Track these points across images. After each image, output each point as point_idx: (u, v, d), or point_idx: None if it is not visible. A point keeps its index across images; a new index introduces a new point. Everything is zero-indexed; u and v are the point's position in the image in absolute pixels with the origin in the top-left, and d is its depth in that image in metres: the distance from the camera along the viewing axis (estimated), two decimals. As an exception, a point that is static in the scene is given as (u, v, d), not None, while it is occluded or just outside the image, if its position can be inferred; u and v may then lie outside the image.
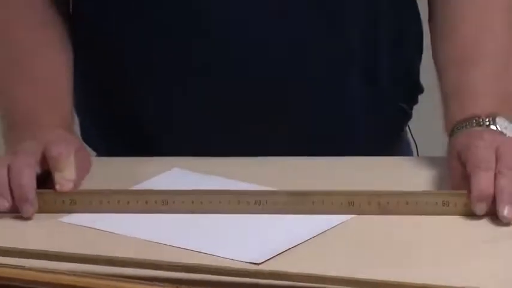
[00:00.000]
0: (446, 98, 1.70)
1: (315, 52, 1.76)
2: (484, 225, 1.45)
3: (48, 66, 1.79)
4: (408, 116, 1.89)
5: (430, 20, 1.80)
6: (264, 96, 1.75)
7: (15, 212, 1.51)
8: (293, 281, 1.21)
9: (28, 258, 1.28)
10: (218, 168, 1.66)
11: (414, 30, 1.88)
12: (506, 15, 1.74)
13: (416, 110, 1.90)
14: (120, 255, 1.27)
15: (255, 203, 1.51)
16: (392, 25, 1.82)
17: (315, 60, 1.76)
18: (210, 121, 1.77)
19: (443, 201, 1.49)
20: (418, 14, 1.87)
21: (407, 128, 1.92)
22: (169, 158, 1.71)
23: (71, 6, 1.85)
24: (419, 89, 1.90)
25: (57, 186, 1.54)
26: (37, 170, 1.55)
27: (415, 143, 1.94)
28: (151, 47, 1.77)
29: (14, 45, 1.80)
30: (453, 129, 1.63)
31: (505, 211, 1.44)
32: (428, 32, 1.82)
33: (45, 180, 1.56)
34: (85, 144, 1.75)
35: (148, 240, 1.42)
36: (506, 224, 1.44)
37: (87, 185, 1.61)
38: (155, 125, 1.80)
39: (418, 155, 1.89)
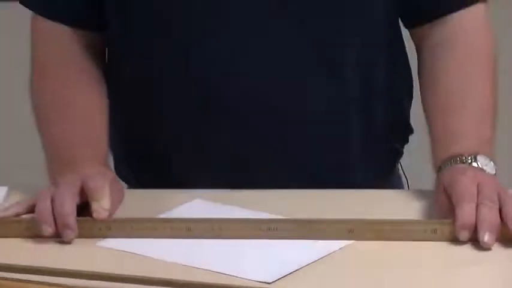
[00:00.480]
0: (434, 140, 1.71)
1: (316, 97, 1.76)
2: (467, 250, 1.46)
3: (86, 108, 1.79)
4: (400, 154, 1.90)
5: (418, 72, 1.81)
6: (270, 138, 1.75)
7: (58, 237, 1.52)
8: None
9: (67, 277, 1.31)
10: (233, 199, 1.66)
11: (405, 80, 1.88)
12: (484, 69, 1.76)
13: (407, 148, 1.90)
14: (148, 275, 1.29)
15: (267, 229, 1.51)
16: (386, 75, 1.82)
17: (315, 103, 1.76)
18: (223, 162, 1.76)
19: (431, 229, 1.50)
20: (409, 67, 1.88)
21: (399, 164, 1.92)
22: (191, 190, 1.70)
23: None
24: (410, 131, 1.90)
25: (94, 214, 1.54)
26: (77, 200, 1.56)
27: (406, 177, 1.93)
28: (175, 99, 1.76)
29: (56, 89, 1.80)
30: (440, 166, 1.64)
31: (486, 237, 1.45)
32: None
33: (83, 208, 1.56)
34: (118, 178, 1.75)
35: (173, 262, 1.43)
36: (487, 249, 1.45)
37: (120, 213, 1.61)
38: (179, 162, 1.80)
39: (408, 188, 1.89)
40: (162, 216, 1.61)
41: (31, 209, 1.58)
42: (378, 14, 1.78)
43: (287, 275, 1.37)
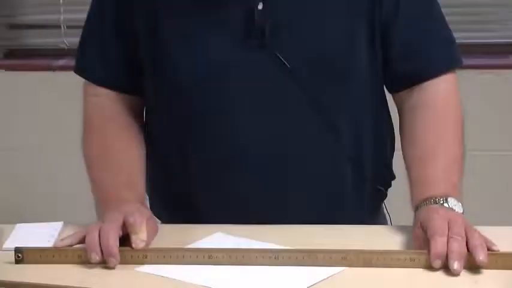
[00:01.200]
0: (412, 184, 1.72)
1: (316, 147, 1.75)
2: (439, 276, 1.48)
3: (126, 158, 1.79)
4: (384, 196, 1.89)
5: (400, 129, 1.81)
6: (276, 183, 1.75)
7: (103, 263, 1.53)
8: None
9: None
10: (247, 232, 1.66)
11: (388, 135, 1.88)
12: (453, 127, 1.76)
13: (389, 191, 1.89)
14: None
15: (275, 258, 1.52)
16: (373, 130, 1.81)
17: (315, 152, 1.75)
18: (239, 204, 1.76)
19: (410, 258, 1.51)
20: (392, 124, 1.88)
21: (383, 204, 1.91)
22: (213, 225, 1.71)
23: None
24: (392, 177, 1.90)
25: (134, 245, 1.56)
26: (119, 233, 1.57)
27: (389, 215, 1.92)
28: (201, 154, 1.76)
29: (101, 142, 1.80)
30: (417, 206, 1.65)
31: (455, 266, 1.47)
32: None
33: (125, 239, 1.57)
34: (153, 215, 1.73)
35: (197, 284, 1.46)
36: (456, 275, 1.47)
37: (154, 244, 1.62)
38: (203, 203, 1.80)
39: (391, 224, 1.88)
40: (189, 246, 1.61)
41: (82, 240, 1.59)
42: (367, 83, 1.78)
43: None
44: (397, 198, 1.84)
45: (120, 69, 1.81)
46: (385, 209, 1.93)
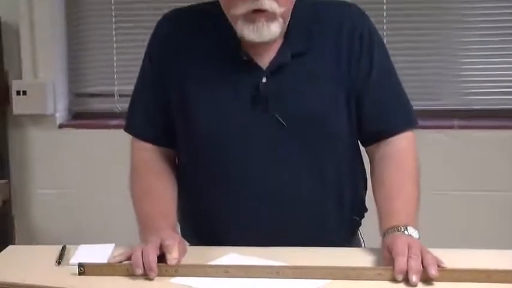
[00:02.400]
0: (380, 216, 1.70)
1: (306, 185, 1.73)
2: (402, 287, 1.48)
3: (162, 195, 1.78)
4: (359, 224, 1.87)
5: (371, 173, 1.79)
6: (275, 217, 1.73)
7: (145, 275, 1.54)
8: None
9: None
10: (255, 253, 1.65)
11: (362, 177, 1.86)
12: (412, 174, 1.74)
13: (363, 221, 1.87)
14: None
15: (277, 273, 1.52)
16: (350, 173, 1.80)
17: (305, 189, 1.73)
18: (248, 233, 1.74)
19: (379, 273, 1.51)
20: (365, 169, 1.86)
21: (359, 231, 1.89)
22: (229, 247, 1.69)
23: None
24: (365, 209, 1.87)
25: (168, 262, 1.55)
26: (157, 252, 1.56)
27: (363, 239, 1.90)
28: (221, 193, 1.75)
29: (143, 183, 1.79)
30: (384, 233, 1.64)
31: (413, 279, 1.46)
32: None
33: (161, 257, 1.57)
34: (183, 238, 1.72)
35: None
36: (414, 286, 1.46)
37: (184, 261, 1.61)
38: (222, 229, 1.78)
39: (365, 247, 1.85)
40: (210, 263, 1.61)
41: (129, 258, 1.58)
42: (346, 138, 1.77)
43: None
44: (369, 226, 1.82)
45: (159, 128, 1.80)
46: (360, 235, 1.90)
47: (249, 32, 1.64)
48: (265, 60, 1.71)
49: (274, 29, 1.65)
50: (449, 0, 3.15)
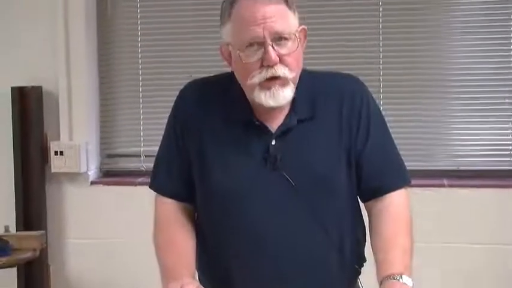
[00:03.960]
0: (377, 265, 1.69)
1: (311, 242, 1.73)
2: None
3: (183, 247, 1.78)
4: (359, 273, 1.85)
5: (369, 226, 1.79)
6: (283, 267, 1.72)
7: None
8: None
9: None
10: None
11: (361, 231, 1.84)
12: (406, 227, 1.74)
13: (362, 269, 1.85)
14: None
15: None
16: (351, 228, 1.79)
17: (310, 245, 1.73)
18: (259, 282, 1.73)
19: None
20: (364, 224, 1.84)
21: (358, 279, 1.86)
22: None
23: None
24: (364, 259, 1.85)
25: None
26: None
27: (362, 287, 1.87)
28: (234, 250, 1.75)
29: (166, 236, 1.79)
30: (381, 281, 1.63)
31: None
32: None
33: None
34: (201, 285, 1.72)
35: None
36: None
37: None
38: (235, 280, 1.76)
39: None
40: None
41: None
42: (347, 195, 1.77)
43: None
44: (368, 275, 1.80)
45: (180, 186, 1.80)
46: (359, 283, 1.88)
47: (266, 98, 1.66)
48: (274, 125, 1.72)
49: (288, 93, 1.67)
50: (437, 73, 3.16)
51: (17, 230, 3.16)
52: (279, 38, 1.63)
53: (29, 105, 3.22)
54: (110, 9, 3.33)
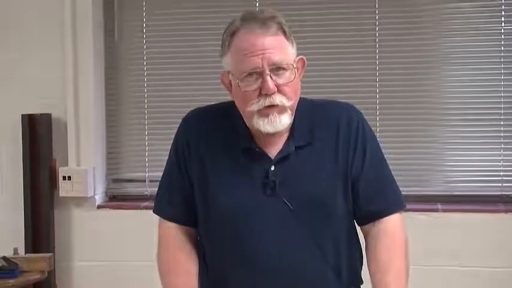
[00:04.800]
0: (374, 287, 1.69)
1: (310, 262, 1.71)
2: None
3: (185, 270, 1.77)
4: None
5: (365, 249, 1.78)
6: (280, 285, 1.70)
7: None
8: None
9: None
10: None
11: (358, 252, 1.83)
12: (402, 250, 1.74)
13: None
14: None
15: None
16: (348, 249, 1.78)
17: (309, 266, 1.71)
18: None
19: None
20: (360, 245, 1.83)
21: None
22: None
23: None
24: (361, 281, 1.84)
25: None
26: None
27: None
28: (234, 275, 1.73)
29: (168, 258, 1.79)
30: None
31: None
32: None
33: None
34: None
35: None
36: None
37: None
38: None
39: None
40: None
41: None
42: (344, 218, 1.76)
43: None
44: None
45: (182, 210, 1.80)
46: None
47: (264, 125, 1.66)
48: (273, 151, 1.72)
49: (285, 120, 1.67)
50: (432, 101, 3.18)
51: (25, 253, 3.16)
52: (277, 68, 1.64)
53: (38, 131, 3.24)
54: (117, 38, 3.35)
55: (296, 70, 1.68)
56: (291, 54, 1.68)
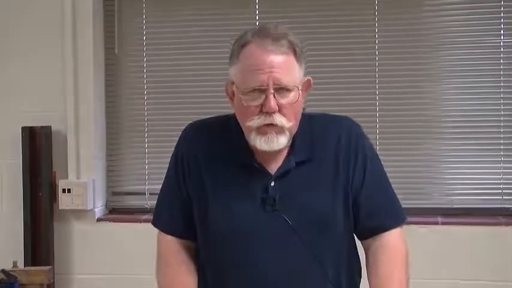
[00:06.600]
0: None
1: (310, 279, 1.71)
2: None
3: (185, 282, 1.77)
4: None
5: (366, 263, 1.77)
6: None
7: None
8: None
9: None
10: None
11: (357, 267, 1.82)
12: (402, 263, 1.73)
13: None
14: None
15: None
16: (347, 264, 1.77)
17: (310, 282, 1.71)
18: None
19: None
20: (359, 260, 1.83)
21: None
22: None
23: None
24: None
25: None
26: None
27: None
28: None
29: (167, 271, 1.79)
30: None
31: None
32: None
33: None
34: None
35: None
36: None
37: None
38: None
39: None
40: None
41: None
42: (344, 234, 1.76)
43: None
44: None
45: (181, 224, 1.79)
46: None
47: (261, 143, 1.66)
48: (273, 167, 1.72)
49: (282, 141, 1.66)
50: (432, 114, 3.18)
51: (25, 265, 3.15)
52: (282, 88, 1.63)
53: (38, 144, 3.23)
54: (118, 51, 3.35)
55: (300, 91, 1.67)
56: (298, 76, 1.66)
